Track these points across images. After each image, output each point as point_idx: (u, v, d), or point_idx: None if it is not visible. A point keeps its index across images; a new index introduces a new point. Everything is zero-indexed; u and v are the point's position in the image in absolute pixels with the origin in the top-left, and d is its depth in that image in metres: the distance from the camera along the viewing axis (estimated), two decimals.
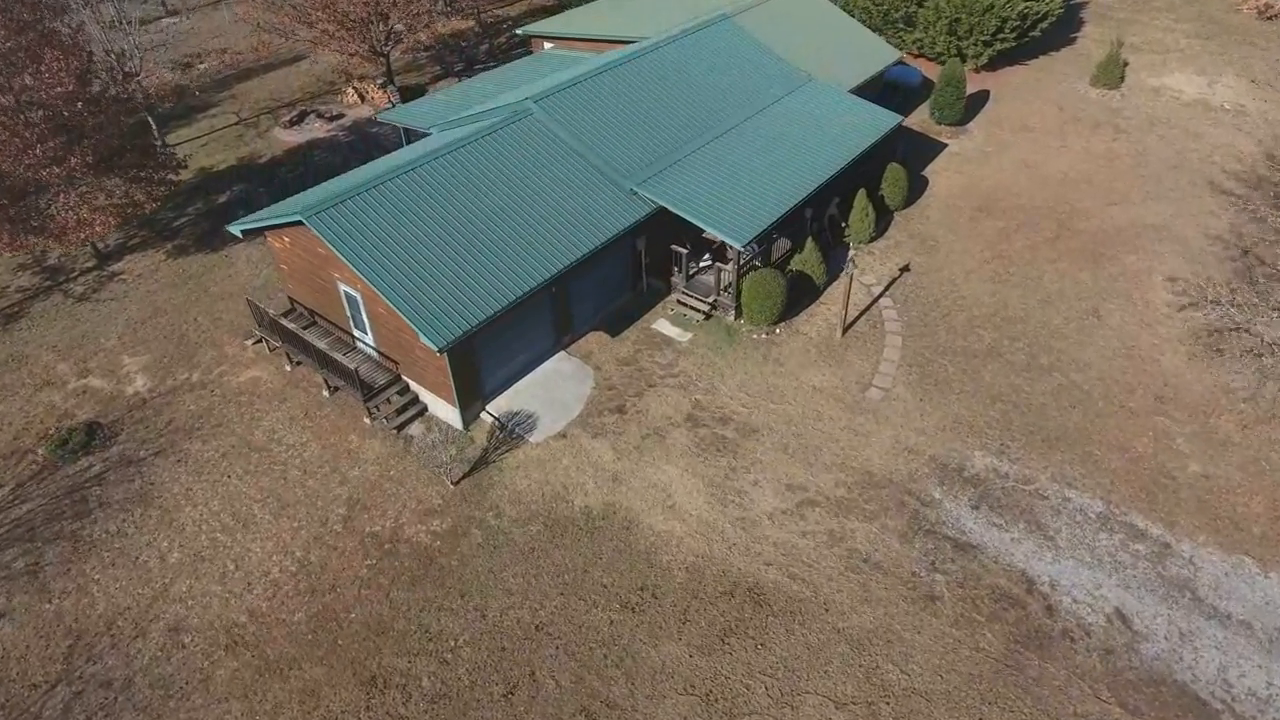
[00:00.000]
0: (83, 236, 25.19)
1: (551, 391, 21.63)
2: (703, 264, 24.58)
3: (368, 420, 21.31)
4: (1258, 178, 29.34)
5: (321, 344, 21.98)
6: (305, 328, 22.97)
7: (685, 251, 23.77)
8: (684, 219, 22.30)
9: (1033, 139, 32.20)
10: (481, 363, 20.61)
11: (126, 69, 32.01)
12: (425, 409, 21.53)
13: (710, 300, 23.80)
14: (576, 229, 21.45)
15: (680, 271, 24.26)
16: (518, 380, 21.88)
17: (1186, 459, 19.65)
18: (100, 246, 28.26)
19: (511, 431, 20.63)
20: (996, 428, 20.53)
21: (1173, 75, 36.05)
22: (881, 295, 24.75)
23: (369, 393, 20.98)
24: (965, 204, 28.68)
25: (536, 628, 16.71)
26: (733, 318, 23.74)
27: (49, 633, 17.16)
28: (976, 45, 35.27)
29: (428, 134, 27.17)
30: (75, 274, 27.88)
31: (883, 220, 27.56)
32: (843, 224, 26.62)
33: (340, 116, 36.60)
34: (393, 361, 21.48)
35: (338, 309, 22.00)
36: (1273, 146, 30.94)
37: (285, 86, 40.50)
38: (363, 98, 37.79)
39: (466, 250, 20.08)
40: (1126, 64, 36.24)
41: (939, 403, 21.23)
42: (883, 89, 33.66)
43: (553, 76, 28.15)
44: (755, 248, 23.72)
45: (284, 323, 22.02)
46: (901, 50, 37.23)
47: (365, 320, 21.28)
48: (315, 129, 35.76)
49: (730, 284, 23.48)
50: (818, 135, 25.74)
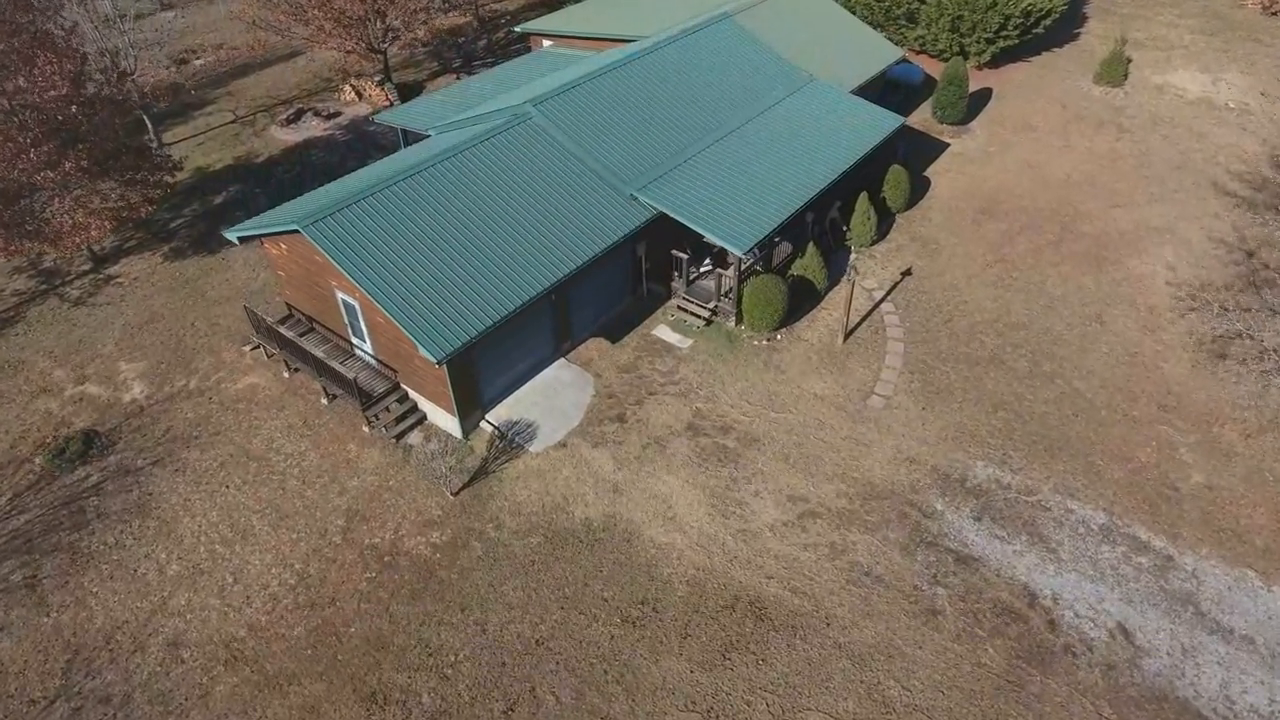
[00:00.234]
0: (78, 241, 24.98)
1: (551, 400, 21.51)
2: (703, 269, 24.41)
3: (366, 429, 21.20)
4: (1262, 179, 29.13)
5: (319, 351, 21.84)
6: (303, 334, 22.80)
7: (686, 257, 23.59)
8: (685, 224, 22.13)
9: (1036, 139, 31.95)
10: (481, 371, 20.48)
11: (121, 68, 31.72)
12: (424, 417, 21.41)
13: (711, 306, 23.64)
14: (576, 236, 21.27)
15: (681, 277, 24.09)
16: (517, 388, 21.75)
17: (1189, 469, 19.57)
18: (96, 249, 28.04)
19: (511, 441, 20.51)
20: (999, 437, 20.43)
21: (1176, 73, 35.74)
22: (883, 300, 24.59)
23: (367, 401, 20.86)
24: (967, 206, 28.47)
25: (537, 642, 16.65)
26: (733, 323, 23.59)
27: (47, 647, 17.10)
28: (979, 43, 34.94)
29: (426, 135, 26.95)
30: (71, 277, 27.68)
31: (884, 223, 27.36)
32: (844, 227, 26.42)
33: (338, 115, 36.28)
34: (391, 370, 21.33)
35: (336, 316, 21.84)
36: (1277, 146, 30.71)
37: (282, 83, 40.14)
38: (360, 95, 37.46)
39: (465, 258, 19.92)
40: (1130, 61, 35.92)
41: (941, 411, 21.13)
42: (884, 87, 33.37)
43: (552, 77, 27.88)
44: (756, 253, 23.53)
45: (281, 330, 21.86)
46: (903, 47, 36.97)
47: (364, 328, 21.13)
48: (312, 127, 35.45)
49: (731, 289, 23.31)
50: (819, 138, 25.51)
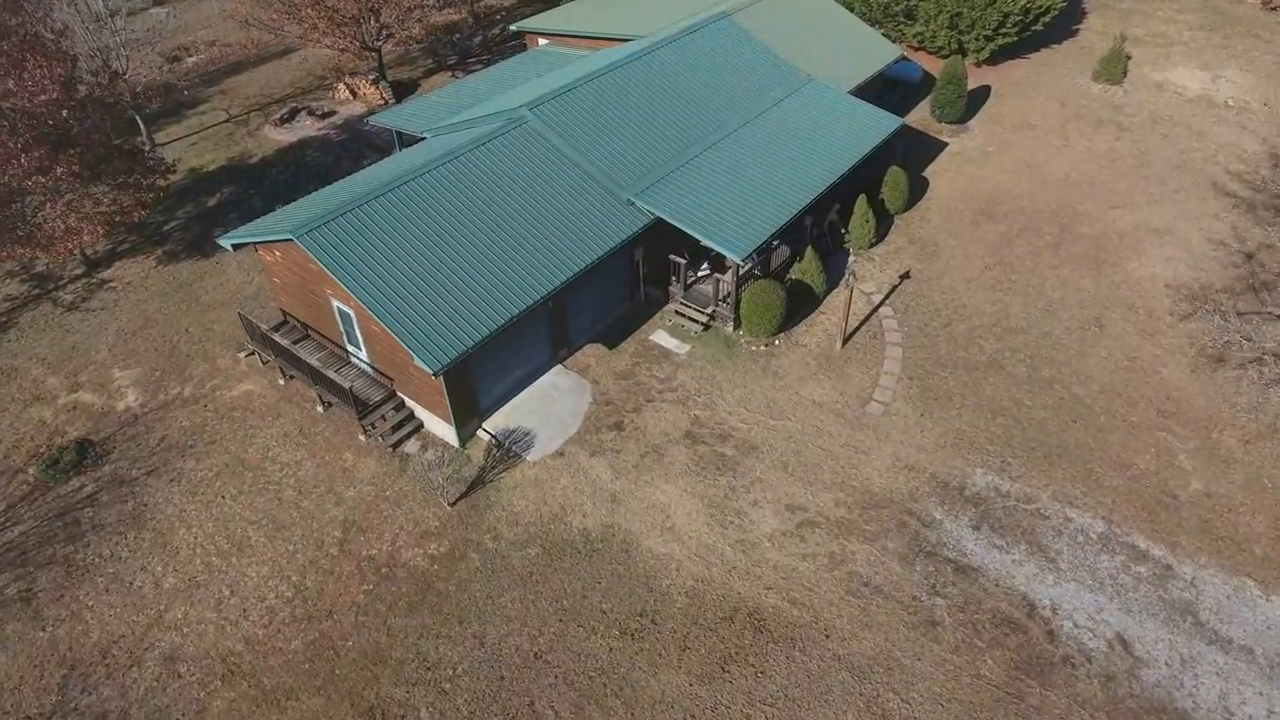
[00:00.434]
0: (70, 246, 24.72)
1: (549, 407, 21.39)
2: (701, 273, 24.27)
3: (363, 437, 21.07)
4: (1261, 179, 29.02)
5: (315, 359, 21.67)
6: (298, 341, 22.66)
7: (684, 262, 23.45)
8: (682, 229, 21.98)
9: (1035, 138, 31.79)
10: (477, 380, 20.35)
11: (113, 68, 31.41)
12: (421, 425, 21.29)
13: (709, 311, 23.51)
14: (574, 242, 21.12)
15: (678, 281, 23.95)
16: (514, 396, 21.63)
17: (1189, 476, 19.53)
18: (89, 253, 27.80)
19: (508, 450, 20.41)
20: (998, 444, 20.37)
21: (1176, 70, 35.56)
22: (882, 304, 24.48)
23: (363, 410, 20.73)
24: (966, 207, 28.33)
25: (535, 656, 16.60)
26: (731, 328, 23.47)
27: (43, 662, 17.00)
28: (978, 40, 34.71)
29: (421, 138, 26.72)
30: (64, 281, 27.46)
31: (883, 224, 27.21)
32: (843, 230, 26.28)
33: (332, 114, 35.98)
34: (387, 378, 21.20)
35: (331, 324, 21.67)
36: (1277, 145, 30.59)
37: (275, 81, 39.79)
38: (354, 94, 37.13)
39: (461, 266, 19.76)
40: (1129, 58, 35.72)
41: (939, 418, 21.05)
42: (883, 85, 33.15)
43: (548, 79, 27.65)
44: (754, 257, 23.38)
45: (276, 338, 21.69)
46: (901, 43, 36.73)
47: (359, 336, 20.98)
48: (307, 127, 35.15)
49: (729, 294, 23.18)
50: (818, 140, 25.33)
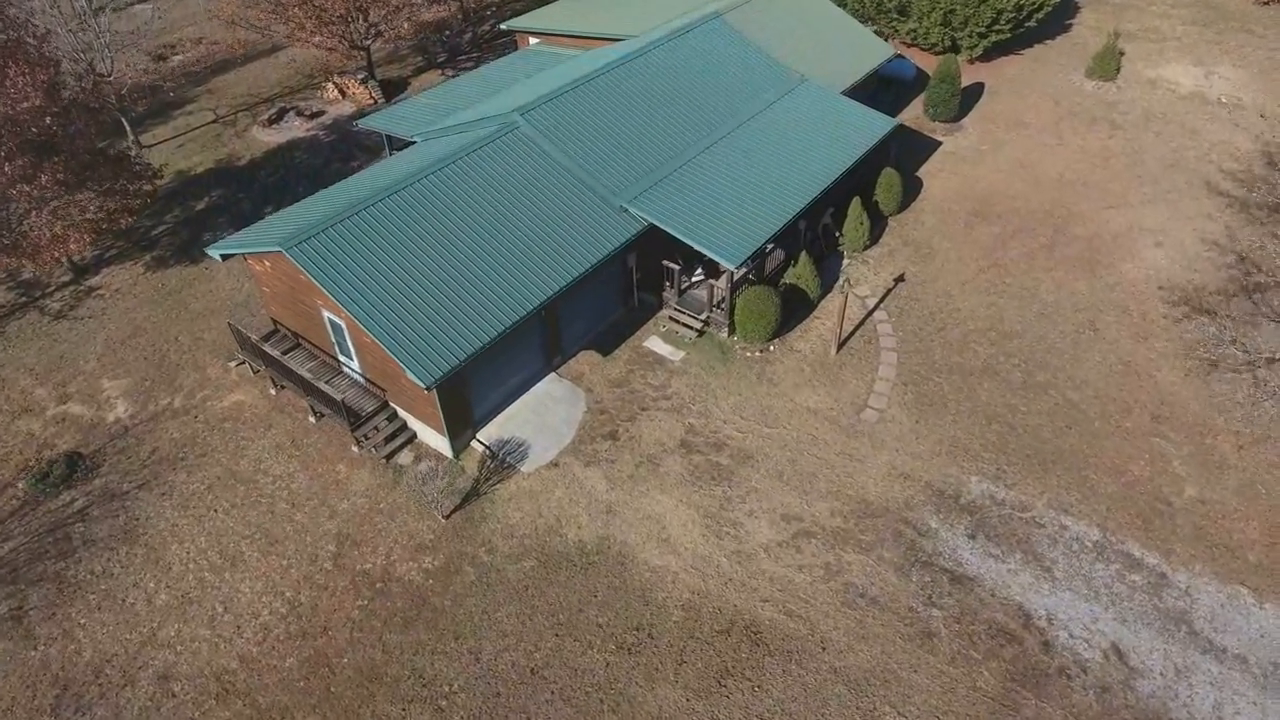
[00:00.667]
0: (57, 255, 24.42)
1: (543, 417, 21.27)
2: (695, 278, 24.14)
3: (356, 449, 20.93)
4: (1254, 177, 28.98)
5: (306, 369, 21.50)
6: (289, 351, 22.45)
7: (678, 267, 23.30)
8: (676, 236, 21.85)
9: (1028, 136, 31.67)
10: (471, 390, 20.22)
11: (98, 70, 31.00)
12: (414, 436, 21.15)
13: (703, 317, 23.40)
14: (567, 250, 20.95)
15: (672, 287, 23.81)
16: (508, 405, 21.50)
17: (1183, 482, 19.56)
18: (76, 260, 27.50)
19: (503, 461, 20.30)
20: (993, 450, 20.36)
21: (1169, 66, 35.45)
22: (876, 308, 24.40)
23: (356, 421, 20.57)
24: (960, 208, 28.23)
25: (532, 671, 16.55)
26: (726, 334, 23.37)
27: (35, 682, 16.87)
28: (971, 37, 34.56)
29: (411, 141, 26.46)
30: (51, 289, 27.16)
31: (877, 226, 27.09)
32: (837, 233, 26.16)
33: (320, 114, 35.61)
34: (380, 388, 21.04)
35: (322, 334, 21.48)
36: (1270, 143, 30.55)
37: (263, 80, 39.34)
38: (343, 93, 36.74)
39: (453, 276, 19.59)
40: (1123, 53, 35.60)
41: (934, 424, 21.02)
42: (876, 84, 32.94)
43: (539, 80, 27.39)
44: (749, 263, 23.23)
45: (267, 349, 21.49)
46: (894, 39, 36.58)
47: (351, 347, 20.80)
48: (295, 128, 34.79)
49: (723, 299, 23.06)
50: (812, 143, 25.16)
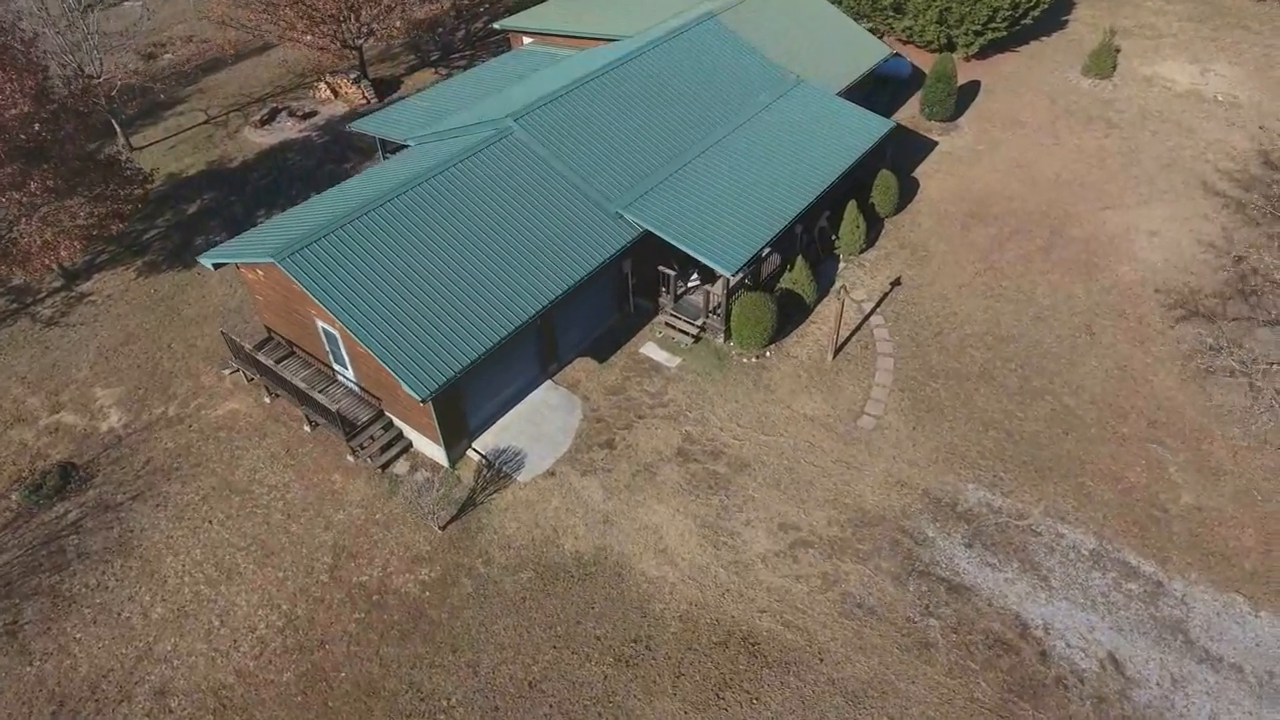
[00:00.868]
0: (47, 262, 24.24)
1: (539, 425, 21.20)
2: (691, 284, 24.05)
3: (351, 458, 20.84)
4: (1250, 177, 28.94)
5: (300, 378, 21.36)
6: (283, 359, 22.34)
7: (673, 273, 23.20)
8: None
9: (1025, 136, 31.56)
10: (466, 400, 20.13)
11: (87, 72, 30.69)
12: (410, 445, 21.07)
13: (699, 323, 23.31)
14: (562, 258, 20.83)
15: (668, 292, 23.72)
16: (504, 414, 21.42)
17: (1179, 489, 19.58)
18: (67, 266, 27.27)
19: (499, 470, 20.23)
20: (990, 458, 20.35)
21: (1165, 63, 35.35)
22: (873, 312, 24.34)
23: (351, 431, 20.48)
24: (957, 209, 28.14)
25: (530, 685, 16.54)
26: (722, 340, 23.30)
27: (31, 698, 16.82)
28: (967, 35, 34.39)
29: (405, 144, 26.26)
30: (42, 295, 26.96)
31: (873, 229, 26.98)
32: (833, 236, 26.07)
33: (313, 114, 35.35)
34: (375, 397, 20.94)
35: (316, 342, 21.36)
36: (1266, 142, 30.50)
37: (255, 79, 39.03)
38: (336, 93, 36.45)
39: (448, 286, 19.47)
40: (1118, 51, 35.47)
41: (931, 431, 21.00)
42: (872, 83, 32.77)
43: (533, 82, 27.19)
44: (745, 269, 23.14)
45: (260, 358, 21.35)
46: (889, 37, 36.39)
47: (345, 356, 20.69)
48: (287, 128, 34.53)
49: (719, 305, 22.98)
50: (808, 146, 25.02)
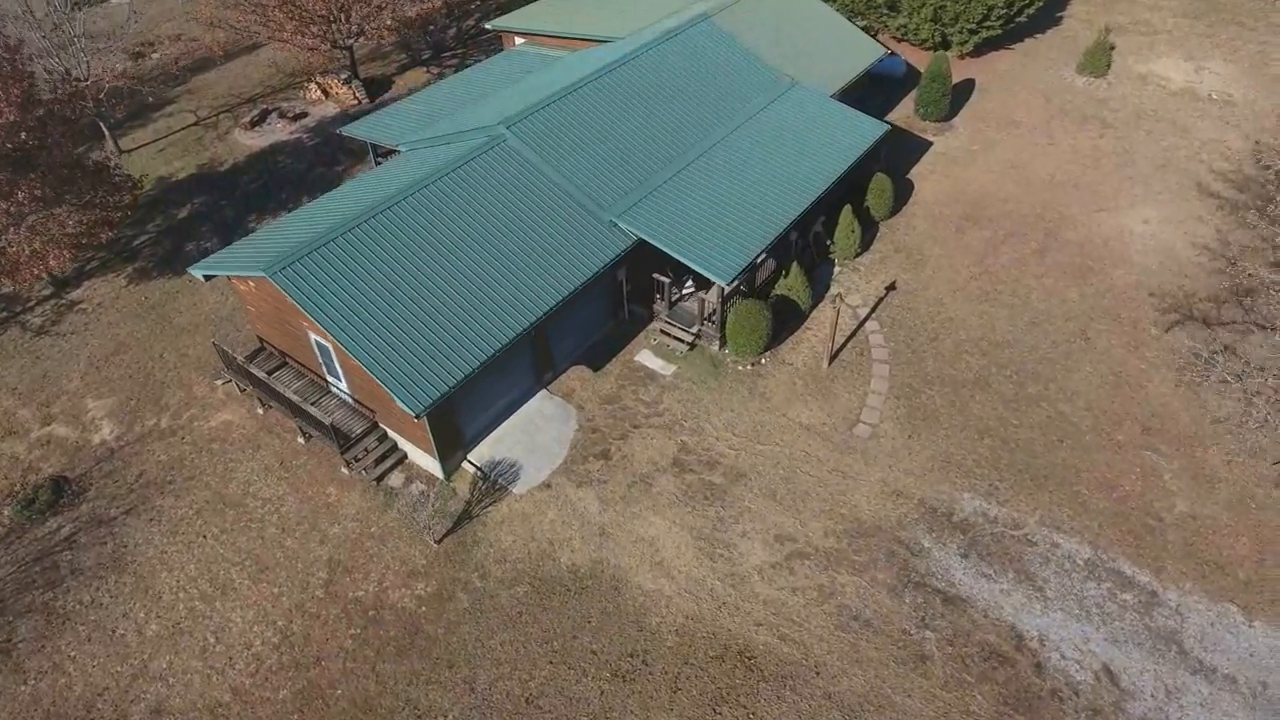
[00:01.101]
0: (36, 271, 24.00)
1: (534, 436, 21.13)
2: (686, 290, 23.96)
3: (346, 470, 20.75)
4: (1245, 178, 28.91)
5: (293, 390, 21.24)
6: (276, 370, 22.18)
7: (668, 280, 23.11)
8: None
9: (1019, 136, 31.46)
10: (461, 411, 20.04)
11: (74, 75, 30.33)
12: (405, 456, 20.99)
13: (694, 330, 23.24)
14: (556, 268, 20.71)
15: (663, 300, 23.63)
16: (499, 424, 21.35)
17: (1174, 497, 19.63)
18: (57, 274, 27.02)
19: (495, 482, 20.18)
20: (985, 466, 20.36)
21: (1160, 61, 35.24)
22: (868, 318, 24.29)
23: (345, 443, 20.38)
24: (951, 212, 28.06)
25: (527, 701, 16.54)
26: (717, 347, 23.23)
27: (25, 718, 16.76)
28: (962, 33, 34.22)
29: (396, 149, 26.06)
30: (32, 304, 26.73)
31: (868, 232, 26.90)
32: (828, 241, 25.98)
33: (303, 115, 35.04)
34: (369, 409, 20.84)
35: (309, 354, 21.22)
36: (1260, 141, 30.43)
37: (245, 79, 38.65)
38: (326, 93, 36.14)
39: (442, 299, 19.34)
40: (1113, 48, 35.33)
41: (927, 439, 21.00)
42: (867, 82, 32.59)
43: (526, 86, 26.98)
44: (741, 276, 23.06)
45: (253, 370, 21.21)
46: (884, 34, 36.20)
47: (338, 369, 20.57)
48: (278, 130, 34.23)
49: (714, 312, 22.91)
50: (803, 151, 24.88)
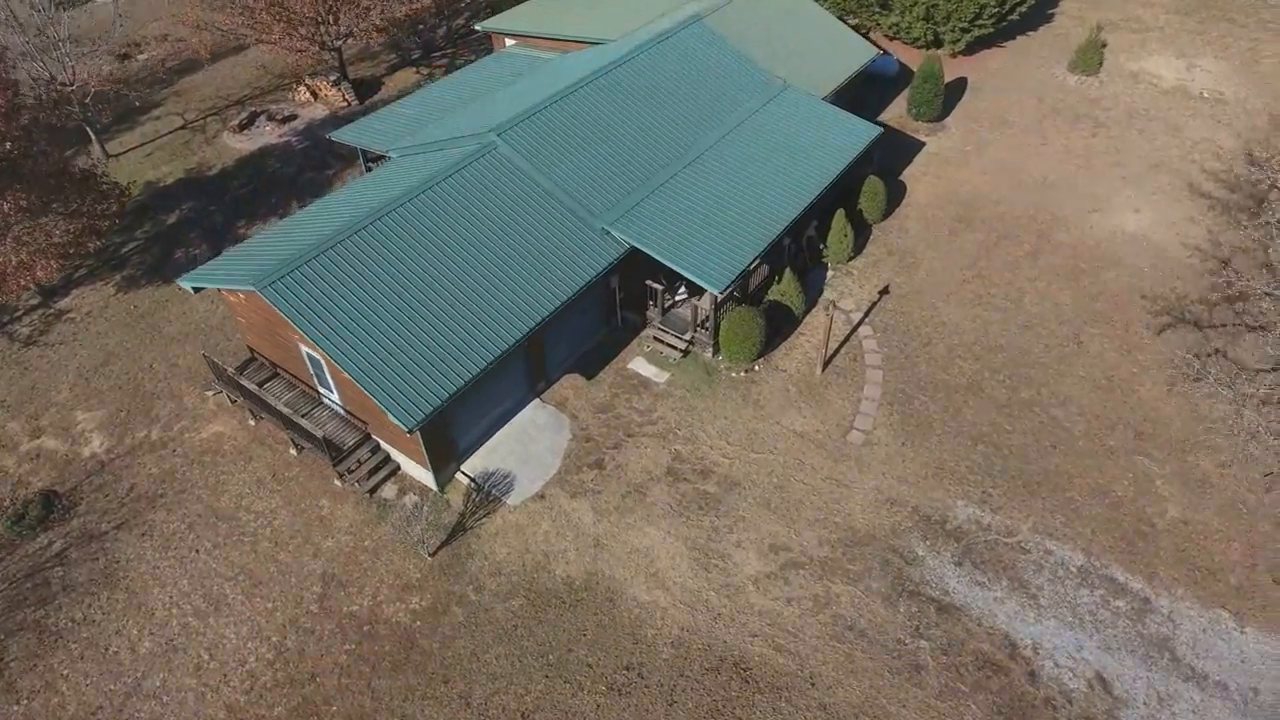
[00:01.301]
0: (23, 282, 23.79)
1: (527, 446, 21.07)
2: (679, 297, 23.89)
3: (338, 483, 20.67)
4: (1236, 177, 28.93)
5: (285, 402, 21.11)
6: (267, 381, 22.04)
7: (660, 287, 23.03)
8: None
9: (1012, 136, 31.41)
10: (454, 422, 19.97)
11: (60, 80, 30.01)
12: (398, 468, 20.91)
13: (687, 337, 23.19)
14: (549, 278, 20.61)
15: (656, 306, 23.56)
16: (492, 435, 21.27)
17: (1166, 503, 19.71)
18: (44, 284, 26.77)
19: (488, 494, 20.13)
20: (978, 473, 20.41)
21: (1152, 58, 35.22)
22: (861, 323, 24.27)
23: (338, 455, 20.29)
24: (944, 214, 28.03)
25: (523, 716, 16.54)
26: (710, 354, 23.19)
27: None
28: (954, 31, 34.11)
29: (386, 154, 25.88)
30: (19, 314, 26.50)
31: (861, 235, 26.86)
32: (821, 245, 25.93)
33: (293, 118, 34.75)
34: (361, 420, 20.74)
35: (300, 365, 21.10)
36: (1251, 140, 30.49)
37: (233, 80, 38.30)
38: (315, 95, 35.85)
39: (434, 311, 19.24)
40: (1105, 45, 35.29)
41: (920, 446, 21.02)
42: (860, 83, 32.50)
43: (517, 90, 26.80)
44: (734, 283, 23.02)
45: (244, 382, 21.07)
46: (875, 32, 36.08)
47: (330, 381, 20.46)
48: (267, 133, 33.95)
49: (707, 318, 22.86)
50: (796, 155, 24.76)
